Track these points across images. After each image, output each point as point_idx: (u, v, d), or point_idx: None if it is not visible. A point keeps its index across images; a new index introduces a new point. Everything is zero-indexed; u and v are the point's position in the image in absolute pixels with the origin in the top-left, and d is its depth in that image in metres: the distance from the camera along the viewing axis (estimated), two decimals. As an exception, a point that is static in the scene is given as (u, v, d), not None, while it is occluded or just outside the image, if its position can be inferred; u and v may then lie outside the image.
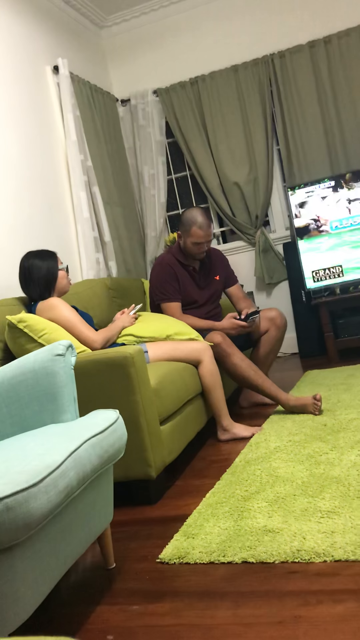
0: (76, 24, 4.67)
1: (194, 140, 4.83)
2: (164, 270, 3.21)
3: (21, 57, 3.78)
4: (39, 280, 2.67)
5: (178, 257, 3.26)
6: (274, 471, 2.19)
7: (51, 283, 2.69)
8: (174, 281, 3.20)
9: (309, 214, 4.28)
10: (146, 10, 4.89)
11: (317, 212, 4.26)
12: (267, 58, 4.63)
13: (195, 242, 3.15)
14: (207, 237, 3.15)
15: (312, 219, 4.26)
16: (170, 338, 2.82)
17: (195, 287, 3.30)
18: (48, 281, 2.68)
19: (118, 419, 1.67)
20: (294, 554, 1.55)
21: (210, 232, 3.16)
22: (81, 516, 1.50)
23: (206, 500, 2.06)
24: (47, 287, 2.68)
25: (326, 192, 4.24)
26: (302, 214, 4.30)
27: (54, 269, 2.70)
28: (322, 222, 4.25)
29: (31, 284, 2.68)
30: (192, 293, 3.27)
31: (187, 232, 3.15)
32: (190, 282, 3.28)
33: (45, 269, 2.68)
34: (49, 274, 2.69)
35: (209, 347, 2.82)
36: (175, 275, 3.21)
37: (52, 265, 2.71)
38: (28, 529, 1.19)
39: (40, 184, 3.73)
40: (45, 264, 2.69)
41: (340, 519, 1.69)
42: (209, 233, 3.15)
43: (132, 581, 1.64)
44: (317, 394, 2.81)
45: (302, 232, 4.31)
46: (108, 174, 4.48)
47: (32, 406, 1.75)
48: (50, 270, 2.69)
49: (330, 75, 4.50)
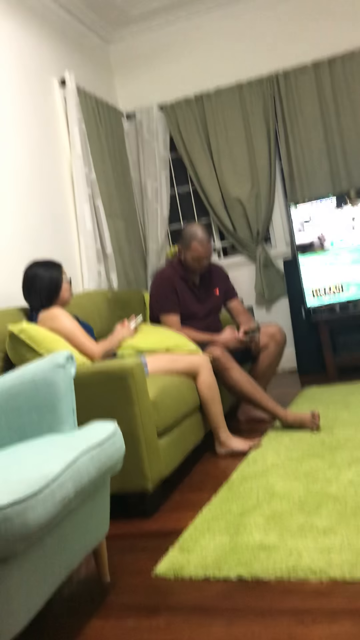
0: (84, 39, 4.72)
1: (198, 155, 4.86)
2: (164, 283, 3.24)
3: (29, 70, 3.82)
4: (41, 289, 2.66)
5: (178, 270, 3.29)
6: (271, 487, 2.18)
7: (53, 294, 2.69)
8: (173, 294, 3.22)
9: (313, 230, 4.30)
10: (153, 27, 4.95)
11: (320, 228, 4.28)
12: (272, 77, 4.68)
13: (195, 256, 3.18)
14: (207, 252, 3.19)
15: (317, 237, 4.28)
16: (169, 350, 2.83)
17: (195, 301, 3.31)
18: (50, 291, 2.68)
19: (116, 431, 1.67)
20: (290, 572, 1.55)
21: (209, 247, 3.20)
22: (77, 528, 1.50)
23: (202, 514, 2.05)
24: (48, 297, 2.68)
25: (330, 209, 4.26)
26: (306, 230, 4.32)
27: (57, 280, 2.70)
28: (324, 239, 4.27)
29: (32, 293, 2.68)
30: (192, 306, 3.29)
31: (187, 247, 3.18)
32: (190, 296, 3.29)
33: (48, 279, 2.68)
34: (52, 284, 2.68)
35: (208, 360, 2.82)
36: (174, 288, 3.23)
37: (56, 276, 2.70)
38: (25, 540, 1.18)
39: (44, 196, 3.76)
40: (49, 273, 2.69)
41: (336, 537, 1.69)
42: (208, 248, 3.19)
43: (127, 595, 1.63)
44: (315, 410, 2.81)
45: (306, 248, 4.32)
46: (111, 187, 4.51)
47: (31, 416, 1.75)
48: (54, 280, 2.69)
49: (333, 96, 4.54)
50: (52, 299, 2.69)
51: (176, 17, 4.87)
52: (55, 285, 2.69)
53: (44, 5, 4.11)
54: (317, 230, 4.28)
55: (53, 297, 2.69)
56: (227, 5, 4.78)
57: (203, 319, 3.34)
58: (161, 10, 4.76)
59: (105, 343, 2.69)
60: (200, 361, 2.77)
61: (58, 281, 2.70)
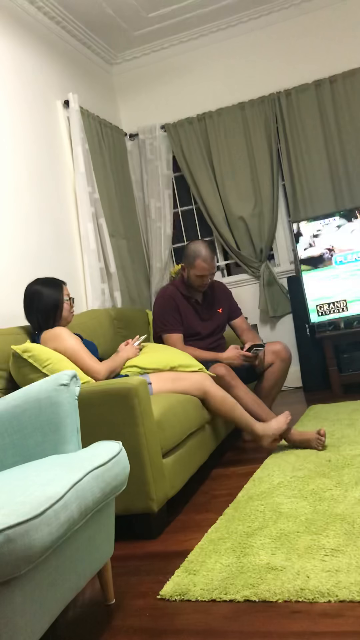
0: (87, 61, 4.78)
1: (200, 174, 4.89)
2: (166, 301, 3.24)
3: (33, 91, 3.86)
4: (41, 309, 2.64)
5: (180, 289, 3.29)
6: (278, 507, 2.16)
7: (53, 313, 2.65)
8: (176, 312, 3.22)
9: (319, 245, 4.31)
10: (156, 48, 5.02)
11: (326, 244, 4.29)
12: (274, 96, 4.72)
13: (199, 274, 3.19)
14: (211, 270, 3.20)
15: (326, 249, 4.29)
16: (174, 370, 2.81)
17: (198, 319, 3.31)
18: (50, 311, 2.64)
19: (121, 451, 1.66)
20: (298, 593, 1.52)
21: (213, 264, 3.20)
22: (82, 549, 1.48)
23: (208, 535, 2.03)
24: (48, 316, 2.65)
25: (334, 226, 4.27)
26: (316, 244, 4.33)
27: (57, 299, 2.66)
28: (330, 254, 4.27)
29: (33, 312, 2.66)
30: (195, 325, 3.28)
31: (191, 265, 3.18)
32: (193, 314, 3.29)
33: (48, 298, 2.64)
34: (51, 303, 2.65)
35: (209, 377, 2.81)
36: (177, 306, 3.22)
37: (56, 295, 2.67)
38: (28, 561, 1.17)
39: (48, 215, 3.78)
40: (49, 292, 2.65)
41: (344, 557, 1.66)
42: (212, 266, 3.19)
43: (132, 618, 1.60)
44: (321, 429, 2.78)
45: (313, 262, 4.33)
46: (115, 206, 4.54)
47: (35, 436, 1.74)
48: (53, 299, 2.65)
49: (335, 114, 4.58)
50: (52, 319, 2.66)
51: (178, 40, 4.94)
52: (54, 305, 2.65)
53: (49, 28, 4.17)
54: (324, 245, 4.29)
55: (53, 316, 2.66)
56: (228, 27, 4.84)
57: (207, 337, 3.33)
58: (163, 32, 4.82)
59: (110, 363, 2.67)
60: (204, 379, 2.76)
61: (58, 300, 2.66)
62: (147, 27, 4.70)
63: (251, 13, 4.73)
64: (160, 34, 4.86)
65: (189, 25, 4.79)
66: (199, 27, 4.85)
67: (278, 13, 4.73)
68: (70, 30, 4.40)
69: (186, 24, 4.76)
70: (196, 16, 4.67)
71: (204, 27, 4.85)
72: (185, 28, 4.82)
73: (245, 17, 4.76)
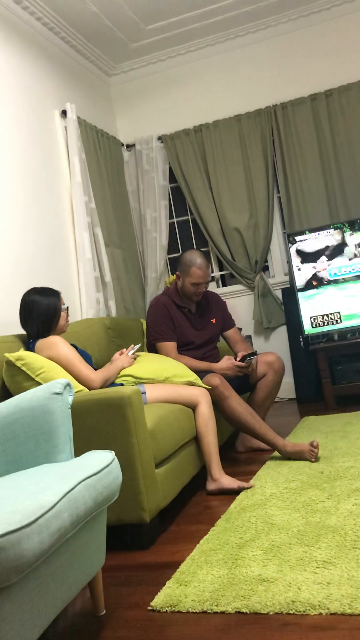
0: (85, 71, 4.81)
1: (196, 185, 4.92)
2: (159, 310, 3.24)
3: (31, 101, 3.88)
4: (39, 317, 2.65)
5: (174, 298, 3.29)
6: (270, 519, 2.16)
7: (51, 321, 2.66)
8: (169, 321, 3.22)
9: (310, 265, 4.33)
10: (153, 60, 5.05)
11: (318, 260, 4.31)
12: (270, 109, 4.76)
13: (194, 282, 3.19)
14: (206, 278, 3.21)
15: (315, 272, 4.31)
16: (168, 380, 2.81)
17: (191, 329, 3.31)
18: (48, 319, 2.65)
19: (113, 461, 1.65)
20: (289, 605, 1.52)
21: (208, 273, 3.21)
22: (73, 559, 1.47)
23: (200, 546, 2.02)
24: (46, 325, 2.66)
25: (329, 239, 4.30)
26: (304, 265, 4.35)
27: (56, 307, 2.67)
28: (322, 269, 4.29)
29: (30, 321, 2.66)
30: (188, 334, 3.28)
31: (187, 273, 3.19)
32: (186, 324, 3.29)
33: (46, 306, 2.66)
34: (50, 311, 2.66)
35: (207, 393, 2.80)
36: (170, 315, 3.23)
37: (54, 303, 2.68)
38: (19, 571, 1.16)
39: (44, 223, 3.79)
40: (46, 301, 2.67)
41: (336, 569, 1.66)
42: (207, 274, 3.20)
43: (122, 629, 1.59)
44: (314, 440, 2.78)
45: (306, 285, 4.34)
46: (111, 215, 4.55)
47: (27, 445, 1.74)
48: (52, 308, 2.66)
49: (330, 127, 4.62)
50: (50, 327, 2.66)
51: (176, 52, 4.97)
52: (53, 313, 2.67)
53: (47, 38, 4.20)
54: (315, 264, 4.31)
55: (50, 324, 2.66)
56: (225, 40, 4.88)
57: (200, 347, 3.33)
58: (161, 45, 4.86)
59: (104, 372, 2.66)
60: (200, 394, 2.75)
61: (56, 309, 2.68)
62: (145, 39, 4.74)
63: (249, 27, 4.77)
64: (158, 46, 4.90)
65: (187, 37, 4.83)
66: (197, 40, 4.89)
67: (275, 27, 4.78)
68: (69, 41, 4.43)
69: (184, 36, 4.80)
70: (194, 29, 4.71)
71: (202, 40, 4.89)
72: (183, 40, 4.86)
73: (242, 31, 4.80)
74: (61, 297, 2.75)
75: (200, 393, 2.76)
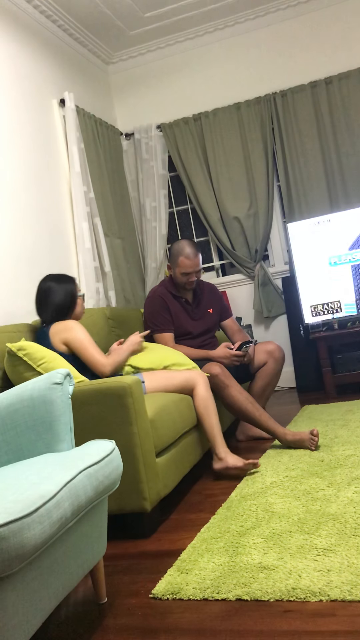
0: (83, 60, 4.78)
1: (196, 174, 4.90)
2: (156, 301, 3.25)
3: (29, 90, 3.86)
4: (53, 303, 2.68)
5: (170, 289, 3.30)
6: (270, 507, 2.16)
7: (67, 307, 2.70)
8: (166, 312, 3.23)
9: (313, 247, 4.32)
10: (152, 48, 5.02)
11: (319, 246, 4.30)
12: (269, 97, 4.73)
13: (184, 272, 3.20)
14: (195, 267, 3.20)
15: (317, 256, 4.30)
16: (167, 369, 2.82)
17: (189, 319, 3.32)
18: (65, 305, 2.69)
19: (114, 450, 1.66)
20: (290, 593, 1.53)
21: (197, 261, 3.20)
22: (74, 548, 1.48)
23: (201, 535, 2.03)
24: (63, 310, 2.69)
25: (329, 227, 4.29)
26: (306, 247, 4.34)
27: (73, 293, 2.72)
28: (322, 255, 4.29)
29: (46, 306, 2.69)
30: (186, 324, 3.28)
31: (175, 263, 3.21)
32: (183, 314, 3.30)
33: (64, 292, 2.70)
34: (67, 297, 2.70)
35: (204, 374, 2.81)
36: (167, 306, 3.24)
37: (70, 290, 2.72)
38: (21, 560, 1.17)
39: (43, 214, 3.77)
40: (63, 287, 2.71)
41: (336, 557, 1.67)
42: (196, 263, 3.19)
43: (124, 617, 1.61)
44: (314, 429, 2.79)
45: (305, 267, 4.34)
46: (110, 205, 4.54)
47: (28, 435, 1.74)
48: (69, 293, 2.70)
49: (330, 115, 4.59)
50: (67, 313, 2.70)
51: (174, 39, 4.94)
52: (70, 299, 2.71)
53: (45, 26, 4.17)
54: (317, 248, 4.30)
55: (68, 310, 2.70)
56: (225, 27, 4.85)
57: (197, 337, 3.33)
58: (160, 32, 4.82)
59: (115, 357, 2.68)
60: (196, 376, 2.77)
61: (73, 295, 2.72)
62: (143, 26, 4.70)
63: (248, 14, 4.73)
64: (156, 34, 4.86)
65: (186, 25, 4.79)
66: (196, 27, 4.85)
67: (275, 14, 4.74)
68: (67, 29, 4.40)
69: (182, 24, 4.76)
70: (192, 16, 4.67)
71: (201, 27, 4.85)
72: (181, 28, 4.82)
73: (242, 18, 4.76)
74: (77, 283, 2.78)
75: (196, 375, 2.77)
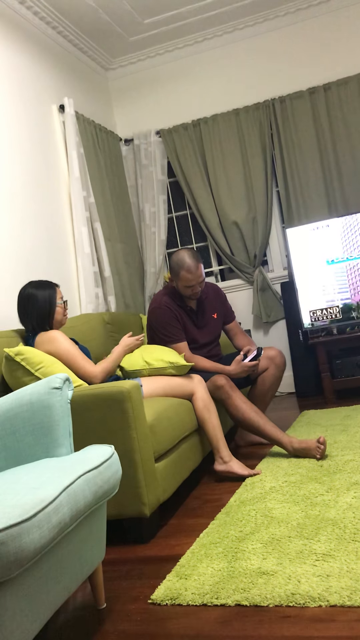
0: (83, 66, 4.80)
1: (195, 180, 4.91)
2: (164, 312, 3.17)
3: (29, 96, 3.87)
4: (34, 311, 2.63)
5: (174, 298, 3.23)
6: (269, 512, 2.16)
7: (46, 315, 2.64)
8: (176, 321, 3.17)
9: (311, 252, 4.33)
10: (151, 54, 5.04)
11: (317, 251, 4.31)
12: (268, 102, 4.74)
13: (186, 285, 3.13)
14: (197, 279, 3.10)
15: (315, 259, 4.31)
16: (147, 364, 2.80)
17: (194, 327, 3.27)
18: (43, 312, 2.63)
19: (113, 455, 1.66)
20: (289, 598, 1.52)
21: (199, 273, 3.10)
22: (73, 553, 1.48)
23: (200, 540, 2.03)
24: (42, 318, 2.63)
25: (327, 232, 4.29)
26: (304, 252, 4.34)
27: (51, 300, 2.64)
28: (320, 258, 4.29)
29: (26, 316, 2.64)
30: (192, 333, 3.26)
31: (177, 276, 3.11)
32: (189, 323, 3.26)
33: (42, 299, 2.63)
34: (45, 305, 2.63)
35: (202, 379, 2.81)
36: (175, 316, 3.18)
37: (49, 296, 2.65)
38: (19, 565, 1.17)
39: (42, 218, 3.78)
40: (42, 294, 2.64)
41: (335, 562, 1.66)
42: (198, 275, 3.09)
43: (123, 622, 1.60)
44: (321, 437, 2.71)
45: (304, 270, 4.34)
46: (110, 210, 4.55)
47: (27, 439, 1.74)
48: (47, 301, 2.64)
49: (329, 121, 4.61)
50: (46, 321, 2.64)
51: (174, 46, 4.96)
52: (48, 306, 2.64)
53: (45, 33, 4.18)
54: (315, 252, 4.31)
55: (46, 318, 2.64)
56: (224, 34, 4.87)
57: (204, 345, 3.30)
58: (159, 39, 4.84)
59: (104, 364, 2.66)
60: (195, 382, 2.77)
61: (51, 302, 2.65)
62: (142, 33, 4.72)
63: (247, 20, 4.75)
64: (155, 40, 4.88)
65: (185, 32, 4.81)
66: (194, 34, 4.87)
67: (273, 20, 4.76)
68: (67, 36, 4.41)
69: (181, 30, 4.78)
70: (191, 23, 4.69)
71: (199, 34, 4.87)
72: (180, 35, 4.84)
73: (240, 25, 4.78)
74: (59, 290, 2.72)
75: (195, 381, 2.77)
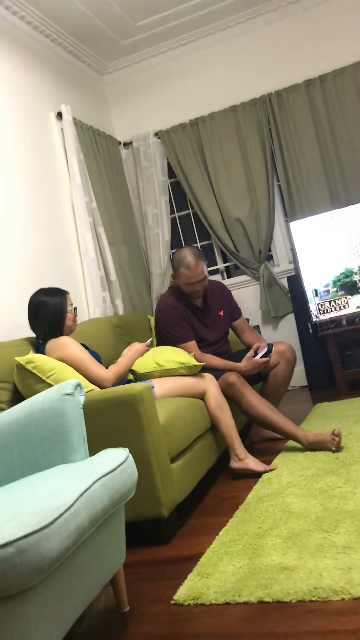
0: (78, 72, 4.81)
1: (196, 179, 4.91)
2: (170, 313, 3.18)
3: (26, 104, 3.88)
4: (45, 318, 2.65)
5: (179, 298, 3.23)
6: (287, 507, 2.16)
7: (57, 321, 2.66)
8: (183, 321, 3.17)
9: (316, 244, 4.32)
10: (145, 56, 5.04)
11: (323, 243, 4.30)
12: (265, 98, 4.73)
13: (186, 282, 3.11)
14: (198, 276, 3.08)
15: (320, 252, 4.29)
16: (159, 365, 2.80)
17: (201, 326, 3.27)
18: (54, 319, 2.65)
19: (128, 458, 1.66)
20: (311, 592, 1.52)
21: (200, 270, 3.07)
22: (93, 558, 1.48)
23: (219, 538, 2.03)
24: (52, 325, 2.66)
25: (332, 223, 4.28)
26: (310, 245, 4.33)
27: (61, 307, 2.67)
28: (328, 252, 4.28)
29: (37, 323, 2.67)
30: (200, 331, 3.25)
31: (178, 274, 3.12)
32: (196, 321, 3.26)
33: (52, 306, 2.65)
34: (56, 312, 2.66)
35: (213, 377, 2.80)
36: (182, 316, 3.18)
37: (60, 303, 2.67)
38: (40, 572, 1.17)
39: (46, 226, 3.79)
40: (52, 301, 2.66)
41: (356, 554, 1.66)
42: (198, 272, 3.07)
43: (147, 625, 1.60)
44: (336, 429, 2.70)
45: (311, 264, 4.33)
46: (112, 214, 4.55)
47: (42, 447, 1.75)
48: (57, 308, 2.66)
49: (327, 112, 4.59)
50: (57, 327, 2.67)
51: (167, 47, 4.96)
52: (59, 313, 2.66)
53: (38, 41, 4.20)
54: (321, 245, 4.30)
55: (57, 325, 2.66)
56: (216, 31, 4.86)
57: (213, 343, 3.30)
58: (152, 40, 4.84)
59: (115, 368, 2.66)
60: (206, 381, 2.77)
61: (62, 309, 2.67)
62: (135, 35, 4.73)
63: (239, 17, 4.75)
64: (149, 42, 4.88)
65: (177, 32, 4.81)
66: (187, 34, 4.87)
67: (265, 15, 4.75)
68: (60, 43, 4.42)
69: (174, 31, 4.78)
70: (184, 23, 4.69)
71: (192, 33, 4.87)
72: (173, 35, 4.84)
73: (232, 22, 4.78)
74: (68, 297, 2.74)
75: (207, 380, 2.77)
